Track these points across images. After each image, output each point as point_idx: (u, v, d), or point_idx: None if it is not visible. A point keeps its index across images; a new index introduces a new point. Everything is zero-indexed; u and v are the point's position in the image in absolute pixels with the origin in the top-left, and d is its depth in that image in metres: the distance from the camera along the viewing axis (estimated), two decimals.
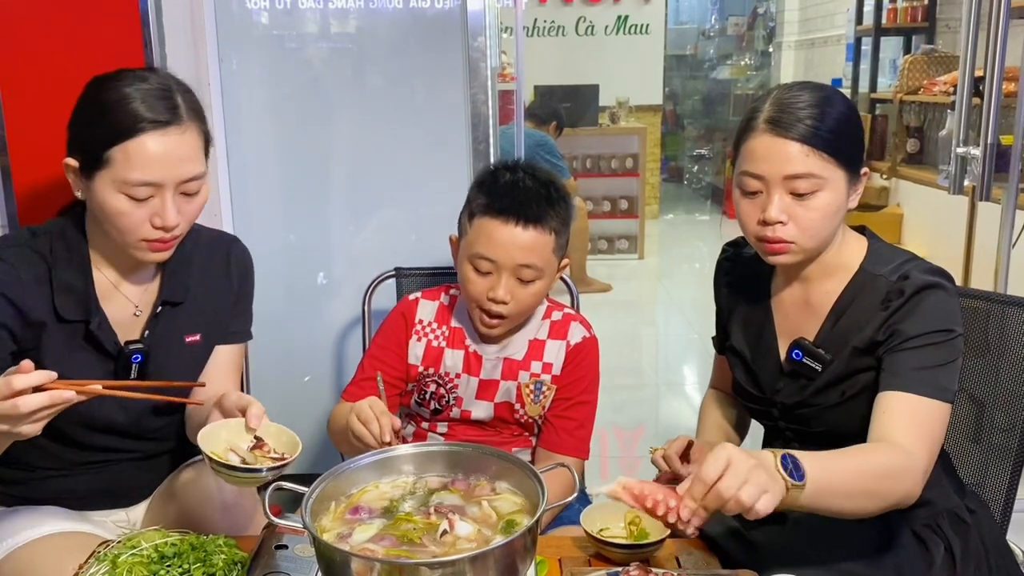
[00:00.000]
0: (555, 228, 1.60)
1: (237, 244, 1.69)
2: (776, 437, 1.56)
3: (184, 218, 1.43)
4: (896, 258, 1.41)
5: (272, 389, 2.31)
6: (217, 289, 1.62)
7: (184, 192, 1.42)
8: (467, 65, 2.29)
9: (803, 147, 1.32)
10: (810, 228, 1.35)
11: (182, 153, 1.40)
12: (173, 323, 1.56)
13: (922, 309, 1.32)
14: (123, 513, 1.62)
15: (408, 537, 1.09)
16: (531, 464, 1.22)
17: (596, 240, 6.39)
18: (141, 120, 1.36)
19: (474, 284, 1.59)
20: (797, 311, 1.48)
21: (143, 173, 1.36)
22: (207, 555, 1.20)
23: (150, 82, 1.41)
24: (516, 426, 1.69)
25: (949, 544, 1.40)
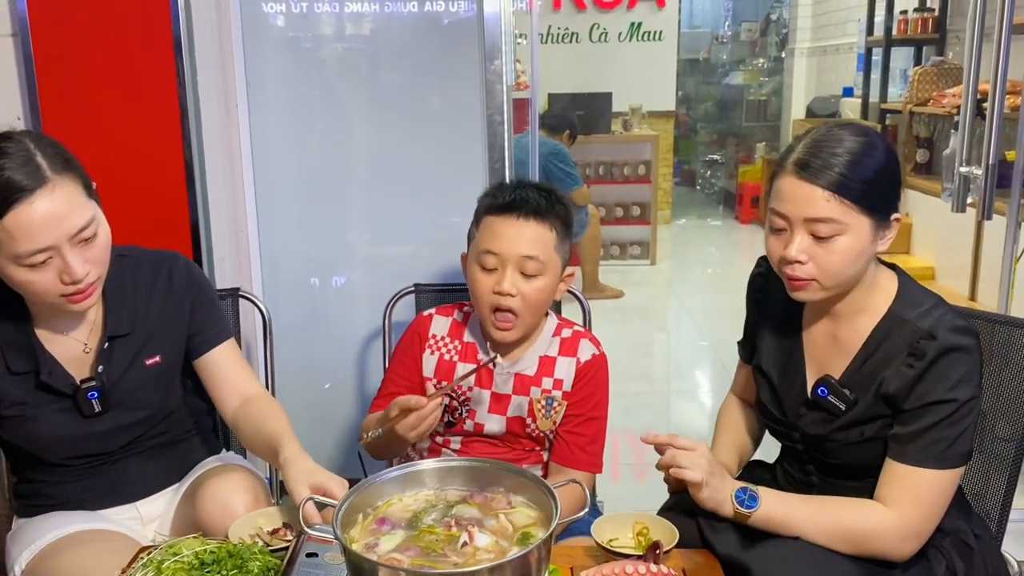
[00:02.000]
0: (556, 227, 1.69)
1: (176, 261, 1.72)
2: (794, 458, 1.61)
3: (93, 264, 1.46)
4: (925, 302, 1.43)
5: (295, 396, 2.39)
6: (167, 310, 1.67)
7: (81, 240, 1.43)
8: (484, 78, 2.35)
9: (826, 193, 1.34)
10: (829, 270, 1.38)
11: (60, 211, 1.39)
12: (127, 351, 1.62)
13: (941, 375, 1.36)
14: (135, 509, 1.71)
15: (431, 548, 1.17)
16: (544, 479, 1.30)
17: (608, 246, 6.45)
18: (7, 195, 1.36)
19: (481, 282, 1.68)
20: (826, 344, 1.52)
21: (30, 243, 1.38)
22: (243, 562, 1.29)
23: (8, 153, 1.39)
24: (528, 440, 1.77)
25: (951, 565, 1.45)
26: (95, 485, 1.67)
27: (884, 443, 1.43)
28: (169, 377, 1.69)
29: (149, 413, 1.67)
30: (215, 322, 1.74)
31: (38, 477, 1.68)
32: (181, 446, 1.77)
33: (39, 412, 1.57)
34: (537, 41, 2.65)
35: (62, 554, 1.52)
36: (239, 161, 2.35)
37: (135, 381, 1.63)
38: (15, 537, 1.65)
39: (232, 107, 2.31)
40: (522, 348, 1.76)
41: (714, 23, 9.96)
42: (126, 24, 2.12)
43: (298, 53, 2.39)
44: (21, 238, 1.37)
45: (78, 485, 1.67)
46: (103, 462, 1.67)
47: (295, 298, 2.49)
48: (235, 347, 1.77)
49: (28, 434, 1.61)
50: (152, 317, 1.65)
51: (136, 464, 1.70)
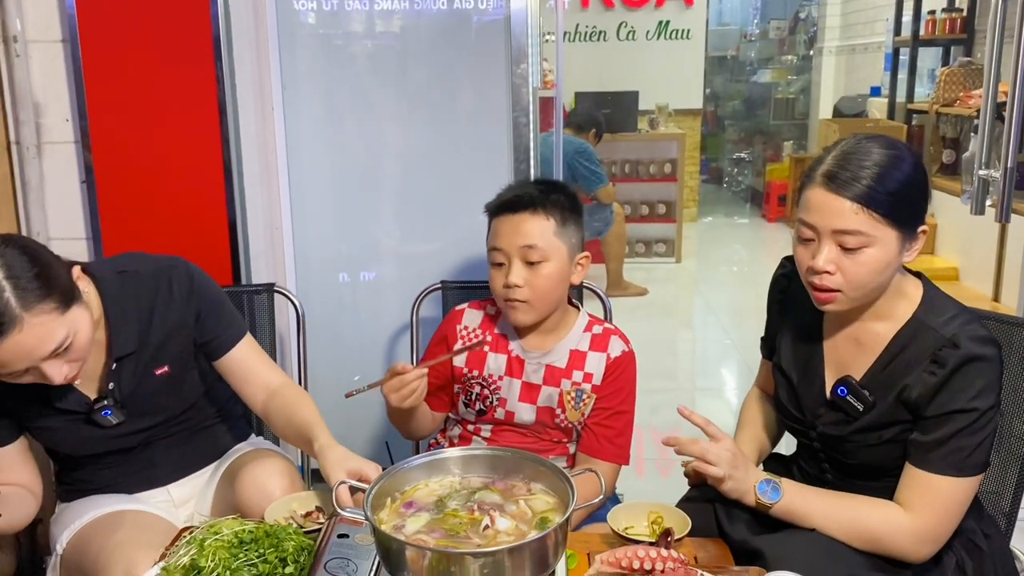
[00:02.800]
0: (553, 215, 1.77)
1: (175, 270, 1.73)
2: (811, 456, 1.64)
3: (74, 361, 1.51)
4: (948, 310, 1.45)
5: (325, 388, 2.48)
6: (170, 322, 1.70)
7: (57, 354, 1.47)
8: (510, 81, 2.41)
9: (854, 205, 1.36)
10: (856, 280, 1.40)
11: (29, 345, 1.43)
12: (136, 366, 1.68)
13: (961, 385, 1.38)
14: (166, 492, 1.81)
15: (455, 530, 1.25)
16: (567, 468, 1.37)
17: (634, 244, 6.50)
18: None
19: (494, 279, 1.79)
20: (847, 346, 1.54)
21: (4, 369, 1.45)
22: (279, 541, 1.37)
23: None
24: (557, 431, 1.84)
25: (961, 561, 1.49)
26: (127, 472, 1.77)
27: (901, 446, 1.46)
28: (181, 381, 1.75)
29: (167, 415, 1.76)
30: (227, 324, 1.78)
31: (74, 467, 1.78)
32: (207, 432, 1.87)
33: (60, 426, 1.67)
34: (562, 41, 2.70)
35: (98, 533, 1.62)
36: (274, 161, 2.44)
37: (147, 391, 1.70)
38: (57, 519, 1.77)
39: (268, 109, 2.40)
40: (552, 340, 1.84)
41: (743, 21, 9.95)
42: (168, 30, 2.22)
43: (329, 51, 2.45)
44: (2, 367, 1.44)
45: (111, 472, 1.77)
46: (131, 452, 1.77)
47: (326, 293, 2.58)
48: (252, 343, 1.81)
49: (54, 442, 1.73)
50: (156, 331, 1.69)
51: (163, 452, 1.80)
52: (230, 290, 2.12)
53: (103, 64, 2.21)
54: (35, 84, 2.26)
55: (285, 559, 1.35)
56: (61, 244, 2.33)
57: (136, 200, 2.29)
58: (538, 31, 2.68)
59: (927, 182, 1.45)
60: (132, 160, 2.27)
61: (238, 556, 1.33)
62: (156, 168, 2.28)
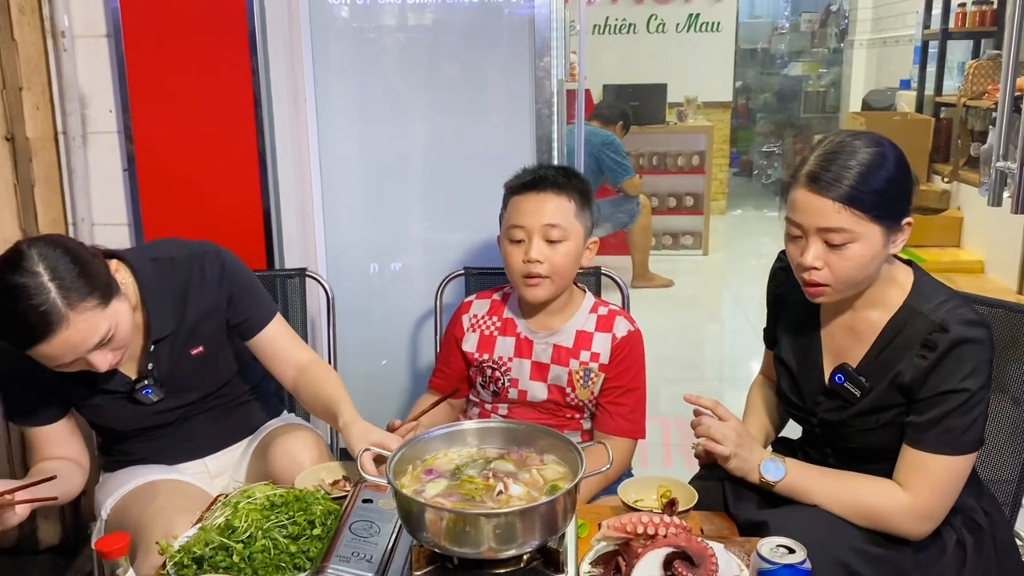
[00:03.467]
0: (574, 198, 1.86)
1: (206, 255, 1.81)
2: (814, 441, 1.71)
3: (117, 349, 1.60)
4: (938, 296, 1.50)
5: (354, 370, 2.58)
6: (203, 305, 1.79)
7: (101, 345, 1.56)
8: (534, 72, 2.47)
9: (836, 204, 1.42)
10: (842, 275, 1.47)
11: (75, 340, 1.52)
12: (172, 348, 1.78)
13: (953, 366, 1.44)
14: (203, 464, 1.92)
15: (471, 495, 1.33)
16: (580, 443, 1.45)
17: (661, 236, 6.54)
18: (28, 340, 1.51)
19: (512, 254, 1.85)
20: (843, 334, 1.60)
21: (53, 363, 1.56)
22: (308, 505, 1.46)
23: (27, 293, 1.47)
24: (569, 409, 1.92)
25: (961, 539, 1.54)
26: (166, 445, 1.88)
27: (898, 429, 1.52)
28: (216, 360, 1.85)
29: (203, 393, 1.86)
30: (258, 305, 1.86)
31: (118, 440, 1.89)
32: (242, 409, 1.97)
33: (104, 404, 1.78)
34: (591, 34, 2.77)
35: (140, 499, 1.74)
36: (306, 152, 2.54)
37: (184, 370, 1.80)
38: (101, 488, 1.88)
39: (301, 101, 2.49)
40: (559, 321, 1.91)
41: (774, 13, 9.91)
42: (206, 25, 2.32)
43: (360, 44, 2.52)
44: (45, 361, 1.56)
45: (151, 445, 1.88)
46: (170, 427, 1.87)
47: (356, 278, 2.67)
48: (282, 322, 1.90)
49: (100, 418, 1.84)
50: (190, 314, 1.78)
51: (200, 426, 1.90)
52: (264, 274, 2.22)
53: (144, 58, 2.32)
54: (81, 77, 2.38)
55: (313, 522, 1.44)
56: (104, 230, 2.45)
57: (175, 188, 2.40)
58: (564, 25, 2.75)
59: (910, 178, 1.50)
60: (171, 149, 2.38)
61: (269, 518, 1.42)
62: (194, 157, 2.38)
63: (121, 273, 1.67)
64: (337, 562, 1.29)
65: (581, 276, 2.24)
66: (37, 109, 2.40)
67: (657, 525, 1.29)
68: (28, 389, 1.74)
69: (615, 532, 1.30)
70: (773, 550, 1.21)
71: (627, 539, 1.30)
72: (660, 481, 1.61)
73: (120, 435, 1.88)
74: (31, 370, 1.65)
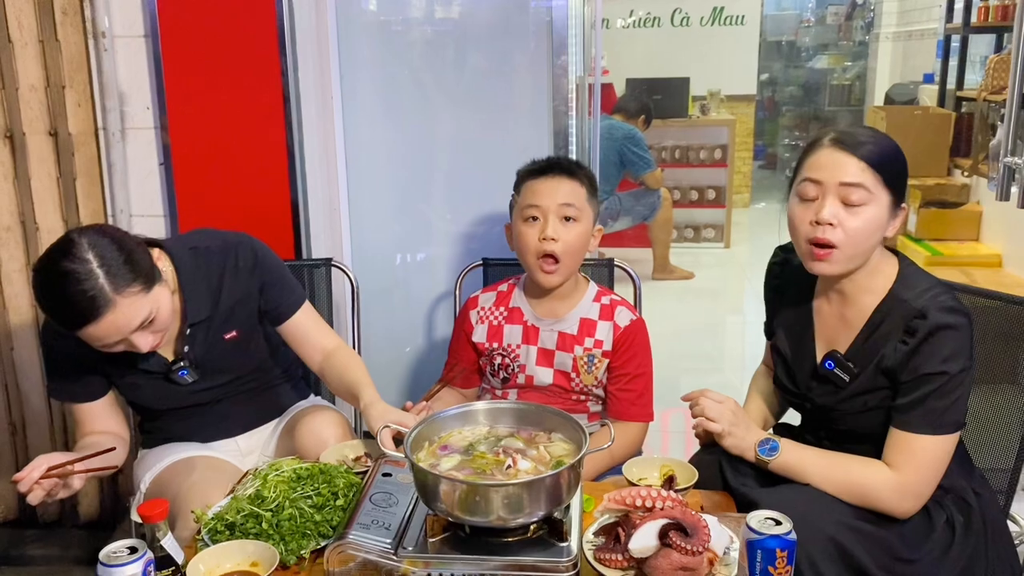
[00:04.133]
0: (585, 183, 1.98)
1: (241, 245, 1.93)
2: (810, 425, 1.80)
3: (158, 331, 1.72)
4: (921, 284, 1.59)
5: (379, 357, 2.69)
6: (237, 292, 1.91)
7: (143, 327, 1.68)
8: (552, 69, 2.56)
9: (861, 163, 1.54)
10: (854, 235, 1.55)
11: (120, 322, 1.64)
12: (207, 331, 1.90)
13: (933, 351, 1.52)
14: (235, 442, 2.04)
15: (482, 469, 1.43)
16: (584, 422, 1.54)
17: (683, 229, 6.59)
18: (77, 322, 1.62)
19: (527, 234, 1.95)
20: (834, 322, 1.70)
21: (99, 343, 1.68)
22: (332, 478, 1.58)
23: (76, 278, 1.58)
24: (574, 393, 2.02)
25: (951, 517, 1.62)
26: (201, 424, 2.00)
27: (885, 412, 1.60)
28: (248, 344, 1.97)
29: (235, 375, 1.98)
30: (288, 293, 1.97)
31: (155, 418, 2.02)
32: (272, 391, 2.08)
33: (142, 383, 1.91)
34: (601, 30, 2.84)
35: (177, 474, 1.87)
36: (333, 147, 2.64)
37: (218, 353, 1.92)
38: (140, 463, 2.01)
39: (328, 98, 2.60)
40: (564, 308, 2.01)
41: (800, 6, 9.88)
42: (238, 25, 2.43)
43: (386, 40, 2.62)
44: (91, 342, 1.68)
45: (187, 424, 2.00)
46: (205, 407, 1.99)
47: (381, 268, 2.77)
48: (310, 310, 2.01)
49: (138, 397, 1.96)
50: (225, 300, 1.89)
51: (233, 407, 2.02)
52: (292, 264, 2.34)
53: (180, 57, 2.43)
54: (120, 75, 2.50)
55: (336, 493, 1.55)
56: (142, 221, 2.58)
57: (208, 181, 2.52)
58: (583, 22, 2.82)
59: (907, 164, 1.62)
60: (205, 144, 2.50)
61: (296, 489, 1.53)
62: (226, 152, 2.50)
63: (162, 261, 1.79)
64: (358, 529, 1.40)
65: (595, 267, 2.34)
66: (79, 106, 2.53)
67: (655, 499, 1.38)
68: (72, 368, 1.86)
69: (616, 505, 1.40)
70: (761, 522, 1.30)
71: (627, 511, 1.39)
72: (663, 461, 1.70)
73: (157, 413, 2.00)
74: (75, 350, 1.78)
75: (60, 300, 1.61)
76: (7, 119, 2.54)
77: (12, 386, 2.76)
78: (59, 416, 2.77)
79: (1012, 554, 1.73)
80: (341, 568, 1.38)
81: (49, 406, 2.77)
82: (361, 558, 1.37)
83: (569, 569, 1.33)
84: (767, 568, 1.27)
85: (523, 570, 1.34)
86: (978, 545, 1.63)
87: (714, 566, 1.35)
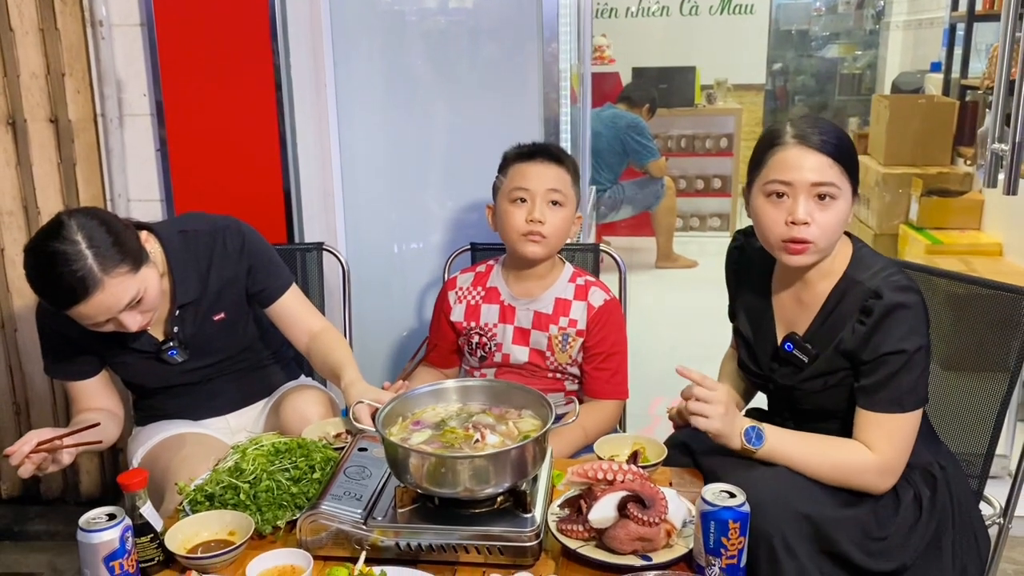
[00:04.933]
0: (570, 171, 2.04)
1: (228, 230, 1.97)
2: (774, 405, 1.83)
3: (146, 311, 1.77)
4: (874, 264, 1.62)
5: (369, 341, 2.74)
6: (225, 274, 1.95)
7: (132, 307, 1.73)
8: (542, 57, 2.58)
9: (828, 159, 1.55)
10: (828, 230, 1.57)
11: (108, 302, 1.68)
12: (196, 313, 1.95)
13: (890, 331, 1.54)
14: (225, 420, 2.10)
15: (451, 443, 1.48)
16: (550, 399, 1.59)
17: (688, 218, 6.60)
18: (65, 302, 1.67)
19: (514, 214, 2.00)
20: (793, 306, 1.72)
21: (88, 321, 1.72)
22: (309, 452, 1.62)
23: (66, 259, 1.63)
24: (549, 371, 2.06)
25: (918, 493, 1.64)
26: (192, 402, 2.06)
27: (845, 390, 1.63)
28: (236, 326, 2.02)
29: (225, 355, 2.03)
30: (275, 276, 2.02)
31: (148, 396, 2.08)
32: (262, 372, 2.14)
33: (134, 363, 1.96)
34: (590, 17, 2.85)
35: (167, 449, 1.93)
36: (327, 133, 2.68)
37: (207, 334, 1.97)
38: (134, 439, 2.08)
39: (321, 84, 2.63)
40: (540, 288, 2.06)
41: None
42: (231, 14, 2.47)
43: (381, 25, 2.62)
44: (81, 321, 1.73)
45: (178, 402, 2.05)
46: (195, 386, 2.04)
47: (374, 253, 2.81)
48: (297, 292, 2.06)
49: (130, 375, 2.02)
50: (213, 282, 1.94)
51: (223, 386, 2.07)
52: (284, 248, 2.38)
53: (175, 45, 2.48)
54: (117, 63, 2.55)
55: (313, 467, 1.60)
56: (139, 205, 2.64)
57: (204, 166, 2.57)
58: (577, 10, 2.85)
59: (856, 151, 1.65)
60: (200, 130, 2.55)
61: (274, 462, 1.58)
62: (221, 138, 2.55)
63: (151, 243, 1.84)
64: (330, 500, 1.45)
65: (580, 252, 2.38)
66: (78, 93, 2.59)
67: (616, 472, 1.42)
68: (65, 347, 1.92)
69: (579, 478, 1.44)
70: (716, 494, 1.34)
71: (590, 484, 1.44)
72: (635, 439, 1.74)
73: (149, 392, 2.06)
74: (68, 330, 1.84)
75: (50, 280, 1.66)
76: (9, 106, 2.60)
77: (16, 367, 2.83)
78: (61, 396, 2.84)
79: (979, 526, 1.75)
80: (314, 537, 1.43)
81: (52, 387, 2.84)
82: (333, 528, 1.42)
83: (532, 539, 1.38)
84: (720, 539, 1.30)
85: (489, 540, 1.39)
86: (944, 517, 1.66)
87: (671, 537, 1.39)
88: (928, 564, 1.63)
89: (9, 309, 2.78)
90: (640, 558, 1.37)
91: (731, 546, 1.31)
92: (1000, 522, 1.89)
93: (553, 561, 1.41)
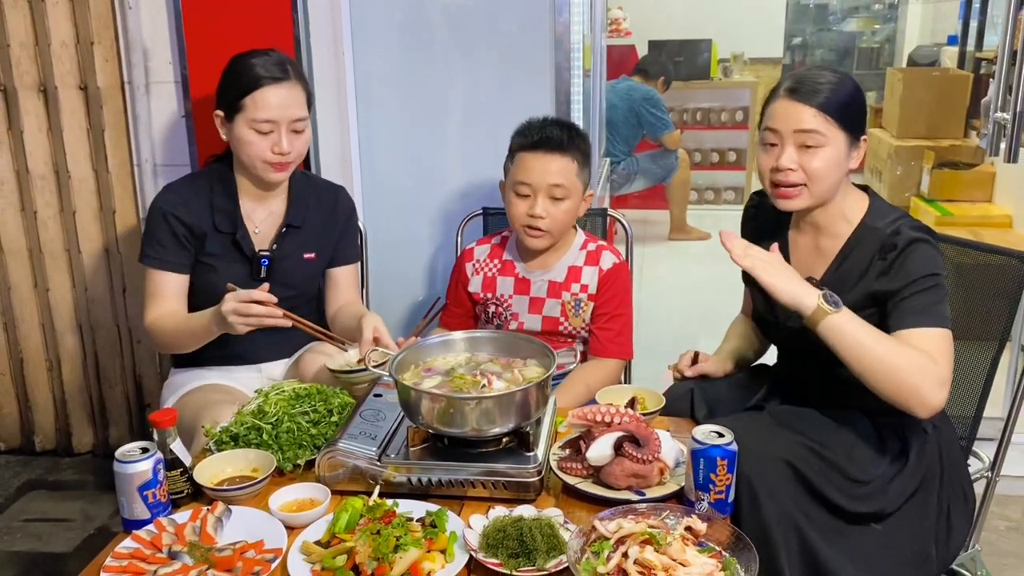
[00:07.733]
0: (576, 157, 2.06)
1: (343, 192, 2.27)
2: (785, 354, 1.92)
3: (294, 149, 2.01)
4: (891, 214, 1.73)
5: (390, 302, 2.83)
6: (327, 223, 2.19)
7: (294, 130, 2.00)
8: (554, 28, 2.64)
9: (811, 109, 1.67)
10: (814, 175, 1.69)
11: (287, 101, 1.99)
12: (294, 241, 2.13)
13: (914, 260, 1.63)
14: (258, 370, 2.21)
15: (459, 387, 1.58)
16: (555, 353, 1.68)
17: (703, 191, 6.64)
18: (262, 77, 1.96)
19: (516, 207, 2.07)
20: (809, 253, 1.82)
21: (262, 114, 1.97)
22: (327, 397, 1.73)
23: (270, 56, 2.01)
24: (563, 337, 2.15)
25: (906, 446, 1.72)
26: (232, 351, 2.14)
27: None
28: (317, 271, 2.21)
29: (296, 293, 2.14)
30: (350, 246, 2.27)
31: None
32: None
33: (222, 263, 2.09)
34: None
35: (197, 396, 2.05)
36: (344, 100, 2.75)
37: (293, 265, 2.14)
38: (168, 385, 2.19)
39: (340, 53, 2.70)
40: (553, 259, 2.15)
41: None
42: None
43: None
44: (258, 109, 1.97)
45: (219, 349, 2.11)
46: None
47: (392, 217, 2.89)
48: (356, 270, 2.29)
49: (208, 281, 2.09)
50: (317, 222, 2.16)
51: (267, 335, 2.15)
52: None
53: (199, 13, 2.56)
54: (144, 32, 2.64)
55: (331, 410, 1.70)
56: (166, 170, 2.74)
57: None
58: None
59: (865, 100, 1.75)
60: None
61: (295, 406, 1.69)
62: None
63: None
64: (347, 439, 1.55)
65: (589, 217, 2.45)
66: (106, 61, 2.69)
67: (613, 415, 1.51)
68: (170, 237, 2.05)
69: (579, 420, 1.53)
70: (706, 434, 1.43)
71: (588, 426, 1.53)
72: (635, 390, 1.83)
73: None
74: (178, 223, 2.03)
75: (264, 52, 2.01)
76: (41, 74, 2.71)
77: (48, 326, 2.96)
78: (92, 353, 2.97)
79: (968, 483, 1.84)
80: (331, 473, 1.54)
81: (82, 343, 2.97)
82: (350, 464, 1.53)
83: (534, 475, 1.48)
84: (709, 475, 1.40)
85: (495, 475, 1.49)
86: (932, 473, 1.73)
87: (664, 475, 1.49)
88: (911, 515, 1.70)
89: (42, 270, 2.90)
90: (635, 493, 1.47)
91: (719, 482, 1.40)
92: (988, 475, 1.97)
93: (554, 497, 1.51)
